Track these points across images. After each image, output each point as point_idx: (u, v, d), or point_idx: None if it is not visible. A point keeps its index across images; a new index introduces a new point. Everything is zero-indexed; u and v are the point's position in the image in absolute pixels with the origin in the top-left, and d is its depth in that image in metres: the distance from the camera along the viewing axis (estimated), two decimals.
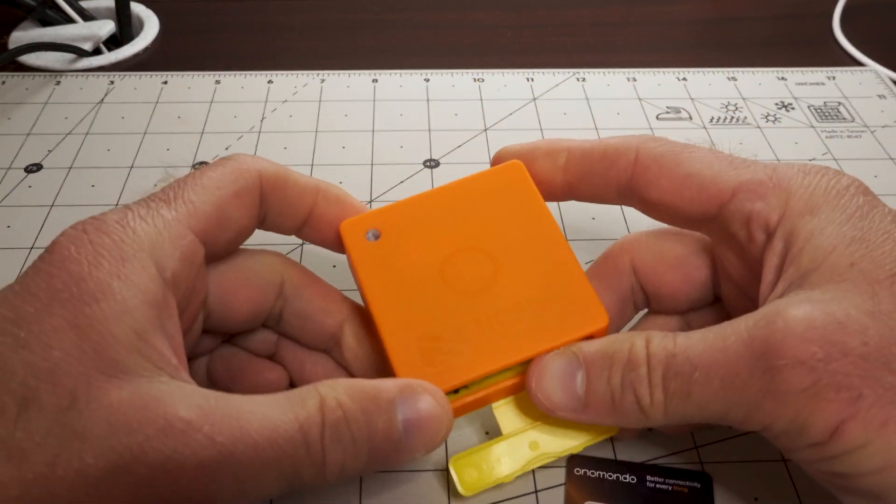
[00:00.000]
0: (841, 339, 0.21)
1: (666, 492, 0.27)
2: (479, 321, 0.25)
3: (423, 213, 0.27)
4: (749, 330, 0.22)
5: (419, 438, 0.22)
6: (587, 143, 0.28)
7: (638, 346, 0.23)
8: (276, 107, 0.45)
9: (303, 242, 0.36)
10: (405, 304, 0.26)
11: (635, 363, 0.23)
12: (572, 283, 0.26)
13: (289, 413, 0.20)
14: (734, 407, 0.22)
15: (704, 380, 0.22)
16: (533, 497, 0.27)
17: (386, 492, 0.27)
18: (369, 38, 0.52)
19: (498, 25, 0.54)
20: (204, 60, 0.50)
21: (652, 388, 0.23)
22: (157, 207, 0.23)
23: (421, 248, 0.27)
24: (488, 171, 0.28)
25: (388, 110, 0.45)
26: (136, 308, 0.20)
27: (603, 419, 0.24)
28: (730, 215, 0.25)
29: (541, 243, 0.27)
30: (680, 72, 0.49)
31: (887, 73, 0.49)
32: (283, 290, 0.27)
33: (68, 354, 0.19)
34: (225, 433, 0.19)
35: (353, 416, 0.21)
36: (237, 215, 0.24)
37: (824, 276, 0.22)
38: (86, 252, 0.21)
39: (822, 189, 0.24)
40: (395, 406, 0.22)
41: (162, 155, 0.42)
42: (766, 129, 0.44)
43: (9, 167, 0.41)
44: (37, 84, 0.47)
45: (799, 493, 0.27)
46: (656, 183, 0.26)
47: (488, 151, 0.42)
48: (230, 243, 0.25)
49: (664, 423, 0.24)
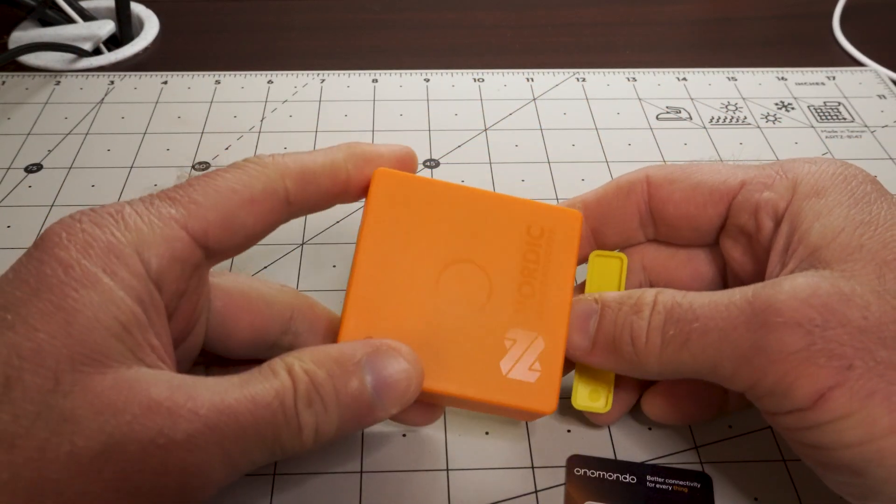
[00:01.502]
0: (842, 309, 0.21)
1: (666, 492, 0.27)
2: (443, 334, 0.25)
3: (458, 207, 0.26)
4: (755, 290, 0.22)
5: (391, 397, 0.23)
6: (596, 190, 0.29)
7: (648, 294, 0.25)
8: (276, 107, 0.45)
9: (303, 242, 0.37)
10: (388, 279, 0.25)
11: (640, 306, 0.24)
12: (548, 355, 0.25)
13: (264, 384, 0.21)
14: (725, 360, 0.22)
15: (703, 329, 0.23)
16: (533, 497, 0.27)
17: (386, 492, 0.27)
18: (369, 38, 0.52)
19: (498, 25, 0.54)
20: (204, 60, 0.50)
21: (650, 330, 0.24)
22: (159, 205, 0.23)
23: (434, 239, 0.26)
24: (545, 206, 0.27)
25: (388, 110, 0.45)
26: (122, 299, 0.20)
27: (605, 360, 0.25)
28: (738, 207, 0.26)
29: (545, 300, 0.26)
30: (680, 72, 0.49)
31: (887, 73, 0.49)
32: (292, 326, 0.27)
33: (53, 337, 0.19)
34: (207, 406, 0.20)
35: (319, 381, 0.21)
36: (251, 220, 0.24)
37: (833, 254, 0.22)
38: (76, 241, 0.21)
39: (829, 174, 0.25)
40: (363, 367, 0.22)
41: (162, 155, 0.42)
42: (766, 129, 0.44)
43: (9, 167, 0.41)
44: (37, 84, 0.47)
45: (799, 493, 0.27)
46: (670, 198, 0.27)
47: (488, 151, 0.42)
48: (240, 246, 0.25)
49: (657, 371, 0.24)
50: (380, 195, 0.26)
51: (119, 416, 0.19)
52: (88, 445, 0.19)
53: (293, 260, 0.36)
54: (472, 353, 0.25)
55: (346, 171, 0.26)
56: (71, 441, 0.18)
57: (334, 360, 0.22)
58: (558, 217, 0.26)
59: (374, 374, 0.22)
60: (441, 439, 0.29)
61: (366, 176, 0.26)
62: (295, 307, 0.27)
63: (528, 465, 0.28)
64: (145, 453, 0.19)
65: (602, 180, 0.40)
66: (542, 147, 0.42)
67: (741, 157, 0.42)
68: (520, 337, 0.25)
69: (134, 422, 0.19)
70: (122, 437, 0.19)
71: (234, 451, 0.20)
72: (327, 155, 0.26)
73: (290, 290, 0.28)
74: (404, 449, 0.28)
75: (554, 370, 0.25)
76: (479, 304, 0.25)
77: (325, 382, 0.21)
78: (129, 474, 0.19)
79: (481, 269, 0.26)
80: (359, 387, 0.22)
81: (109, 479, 0.19)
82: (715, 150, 0.42)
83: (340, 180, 0.25)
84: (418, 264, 0.25)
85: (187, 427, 0.19)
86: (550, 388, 0.25)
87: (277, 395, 0.21)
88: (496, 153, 0.42)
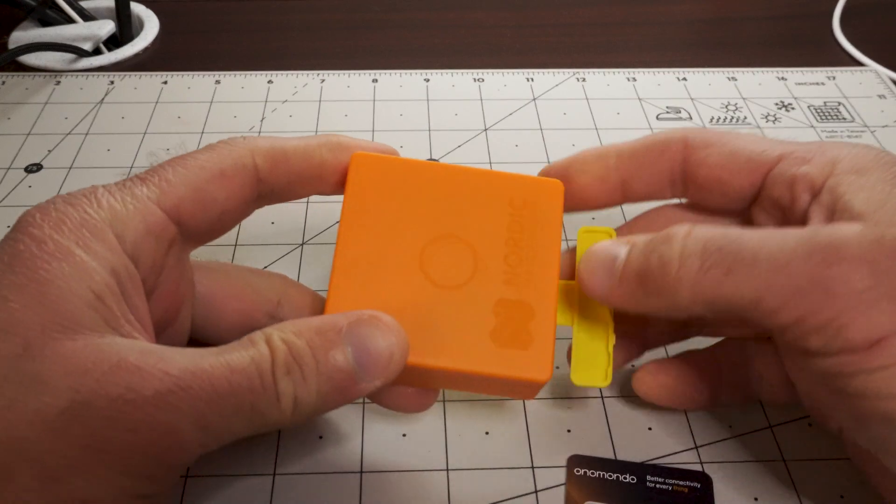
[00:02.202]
0: None
1: (666, 492, 0.27)
2: (431, 308, 0.24)
3: (438, 184, 0.26)
4: (813, 228, 0.22)
5: (374, 368, 0.22)
6: (632, 141, 0.28)
7: (679, 227, 0.23)
8: (276, 107, 0.45)
9: (302, 242, 0.37)
10: (371, 256, 0.25)
11: (670, 237, 0.23)
12: (539, 324, 0.25)
13: (241, 352, 0.21)
14: (774, 292, 0.21)
15: (752, 259, 0.21)
16: (533, 497, 0.27)
17: (386, 492, 0.27)
18: (369, 38, 0.52)
19: (498, 25, 0.54)
20: (204, 60, 0.50)
21: (683, 256, 0.22)
22: (132, 186, 0.23)
23: (416, 216, 0.26)
24: (526, 178, 0.27)
25: (388, 110, 0.45)
26: (95, 270, 0.21)
27: (629, 295, 0.24)
28: (773, 180, 0.25)
29: (532, 269, 0.25)
30: (680, 72, 0.49)
31: (887, 73, 0.49)
32: (279, 311, 0.27)
33: (25, 307, 0.20)
34: (179, 368, 0.20)
35: (298, 350, 0.21)
36: (222, 195, 0.24)
37: (881, 219, 0.22)
38: (49, 219, 0.21)
39: (870, 156, 0.24)
40: (343, 338, 0.22)
41: (162, 155, 0.42)
42: (766, 129, 0.44)
43: (9, 167, 0.41)
44: (37, 84, 0.47)
45: (799, 493, 0.27)
46: (706, 161, 0.27)
47: (488, 151, 0.42)
48: (214, 223, 0.25)
49: (687, 304, 0.23)
50: (359, 176, 0.26)
51: (87, 375, 0.19)
52: (56, 403, 0.19)
53: (293, 260, 0.36)
54: (460, 326, 0.24)
55: (321, 156, 0.26)
56: (38, 399, 0.19)
57: (315, 329, 0.22)
58: (540, 187, 0.26)
59: (356, 344, 0.22)
60: (441, 439, 0.29)
61: (342, 162, 0.26)
62: (282, 292, 0.27)
63: (528, 465, 0.28)
64: (113, 409, 0.19)
65: None
66: (542, 147, 0.42)
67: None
68: (509, 307, 0.25)
69: (102, 379, 0.19)
70: (89, 394, 0.19)
71: (209, 415, 0.20)
72: (301, 139, 0.26)
73: (277, 276, 0.28)
74: (404, 449, 0.29)
75: (546, 338, 0.25)
76: (466, 276, 0.25)
77: (303, 352, 0.21)
78: (97, 431, 0.19)
79: (465, 242, 0.26)
80: (340, 357, 0.21)
81: (78, 436, 0.19)
82: None
83: (314, 163, 0.26)
84: (401, 240, 0.25)
85: (158, 385, 0.19)
86: (544, 355, 0.24)
87: (254, 361, 0.21)
88: (496, 153, 0.42)
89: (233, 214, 0.25)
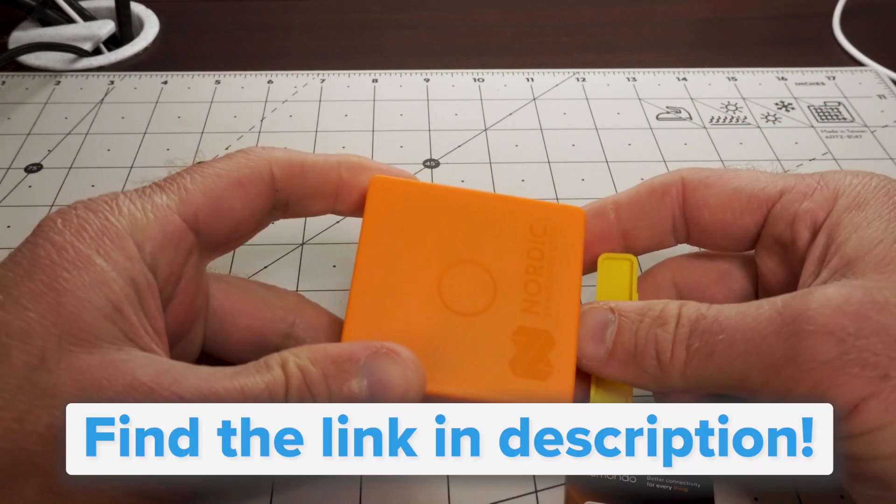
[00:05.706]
0: (875, 317, 0.20)
1: (666, 492, 0.27)
2: (449, 335, 0.24)
3: (458, 209, 0.26)
4: (784, 300, 0.22)
5: (388, 402, 0.22)
6: (629, 191, 0.28)
7: (672, 306, 0.24)
8: (276, 107, 0.45)
9: (303, 242, 0.37)
10: (390, 282, 0.25)
11: (664, 319, 0.23)
12: (559, 353, 0.24)
13: (255, 376, 0.21)
14: (754, 371, 0.21)
15: (729, 341, 0.22)
16: (533, 497, 0.27)
17: (386, 492, 0.27)
18: (369, 38, 0.52)
19: (498, 25, 0.54)
20: (204, 60, 0.50)
21: (675, 344, 0.23)
22: (151, 193, 0.23)
23: (435, 241, 0.25)
24: (547, 204, 0.26)
25: (388, 110, 0.45)
26: (114, 280, 0.21)
27: (623, 373, 0.24)
28: (776, 217, 0.25)
29: (552, 298, 0.25)
30: (680, 72, 0.49)
31: (887, 73, 0.49)
32: (294, 331, 0.27)
33: (43, 317, 0.19)
34: (192, 391, 0.20)
35: (313, 379, 0.21)
36: (238, 204, 0.24)
37: (868, 266, 0.22)
38: (70, 225, 0.21)
39: (871, 187, 0.24)
40: (359, 369, 0.21)
41: (162, 155, 0.42)
42: (766, 129, 0.44)
43: (9, 167, 0.41)
44: (37, 84, 0.47)
45: (799, 494, 0.27)
46: (706, 203, 0.26)
47: (488, 151, 0.42)
48: (231, 232, 0.25)
49: (680, 386, 0.23)
50: (378, 200, 0.26)
51: (101, 393, 0.19)
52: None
53: (293, 260, 0.36)
54: (479, 354, 0.24)
55: (338, 174, 0.26)
56: (50, 413, 0.19)
57: (331, 358, 0.21)
58: (561, 214, 0.26)
59: (372, 377, 0.21)
60: None
61: (359, 183, 0.26)
62: (298, 312, 0.27)
63: None
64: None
65: (602, 180, 0.40)
66: (542, 147, 0.42)
67: (742, 158, 0.42)
68: (528, 336, 0.24)
69: (115, 398, 0.19)
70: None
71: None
72: (321, 155, 0.26)
73: (292, 294, 0.28)
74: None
75: (566, 368, 0.24)
76: (485, 303, 0.25)
77: (318, 381, 0.21)
78: None
79: (484, 269, 0.25)
80: (354, 389, 0.21)
81: None
82: (715, 150, 0.42)
83: (331, 180, 0.26)
84: (420, 266, 0.25)
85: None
86: (564, 386, 0.24)
87: (268, 387, 0.20)
88: (496, 153, 0.42)
89: (249, 224, 0.25)
